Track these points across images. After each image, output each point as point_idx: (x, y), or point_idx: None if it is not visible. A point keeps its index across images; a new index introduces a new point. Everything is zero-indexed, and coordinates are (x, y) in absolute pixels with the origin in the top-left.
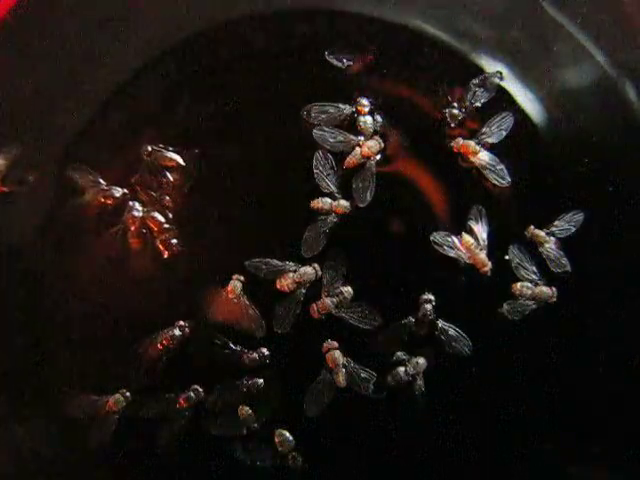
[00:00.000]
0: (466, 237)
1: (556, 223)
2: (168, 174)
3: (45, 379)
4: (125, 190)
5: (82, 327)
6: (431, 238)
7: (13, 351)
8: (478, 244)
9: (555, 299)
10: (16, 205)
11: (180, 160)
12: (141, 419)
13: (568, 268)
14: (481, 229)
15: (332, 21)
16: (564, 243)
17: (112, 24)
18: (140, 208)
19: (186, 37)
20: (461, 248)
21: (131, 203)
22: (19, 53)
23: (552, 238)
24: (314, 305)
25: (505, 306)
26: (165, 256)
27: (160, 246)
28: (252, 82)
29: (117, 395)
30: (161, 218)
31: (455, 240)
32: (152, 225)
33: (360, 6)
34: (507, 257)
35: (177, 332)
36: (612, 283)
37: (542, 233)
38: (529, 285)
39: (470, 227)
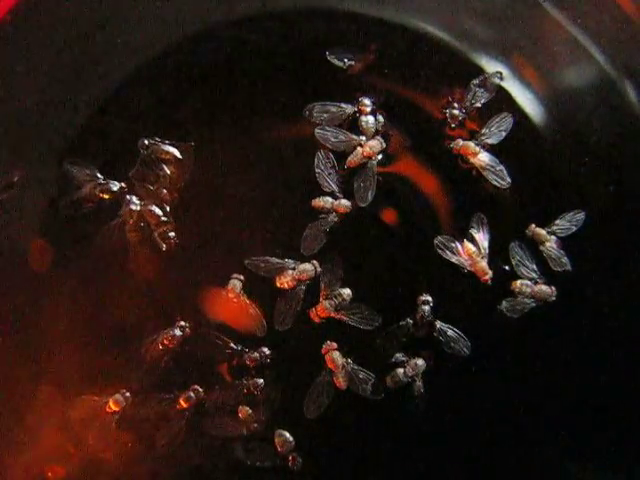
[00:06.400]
0: (468, 245)
1: (557, 222)
2: (165, 167)
3: (46, 380)
4: (122, 184)
5: (82, 327)
6: (435, 241)
7: (14, 352)
8: (479, 252)
9: (554, 298)
10: (13, 205)
11: (177, 153)
12: (141, 419)
13: (568, 267)
14: (482, 237)
15: (332, 21)
16: (564, 242)
17: (111, 24)
18: (137, 202)
19: (186, 37)
20: (463, 255)
21: (128, 197)
22: (19, 53)
23: (553, 237)
24: (313, 309)
25: (504, 303)
26: (163, 249)
27: (158, 239)
28: (253, 82)
29: (117, 395)
30: (158, 211)
31: (458, 246)
32: (150, 218)
33: (360, 6)
34: (507, 267)
35: (177, 332)
36: (612, 283)
37: (543, 232)
38: (528, 283)
39: (472, 235)
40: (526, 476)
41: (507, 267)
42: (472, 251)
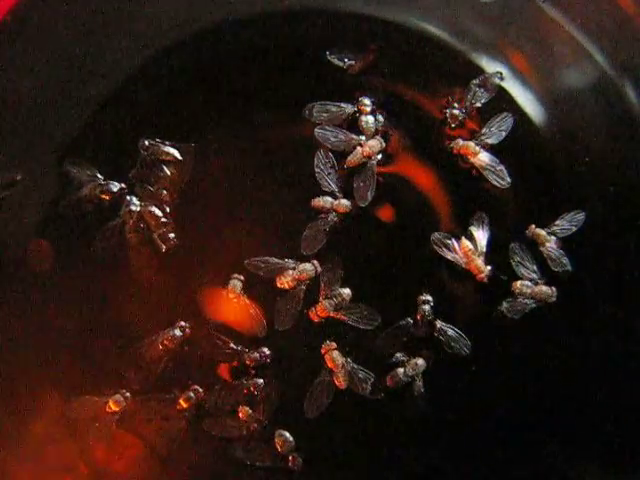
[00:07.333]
0: (465, 242)
1: (557, 222)
2: (165, 168)
3: (47, 381)
4: (122, 185)
5: (82, 327)
6: (432, 238)
7: (15, 353)
8: (476, 250)
9: (555, 299)
10: (13, 205)
11: (177, 154)
12: (141, 419)
13: (569, 268)
14: (482, 236)
15: (332, 21)
16: (564, 243)
17: (111, 24)
18: (137, 202)
19: (186, 37)
20: (459, 252)
21: (128, 198)
22: (19, 53)
23: (553, 237)
24: (313, 309)
25: (504, 304)
26: (163, 250)
27: (158, 240)
28: (253, 82)
29: (117, 395)
30: (158, 212)
31: (455, 243)
32: (150, 219)
33: (360, 6)
34: (504, 277)
35: (177, 332)
36: (612, 283)
37: (543, 232)
38: (529, 284)
39: (471, 233)
40: (526, 476)
41: (503, 277)
42: (468, 249)
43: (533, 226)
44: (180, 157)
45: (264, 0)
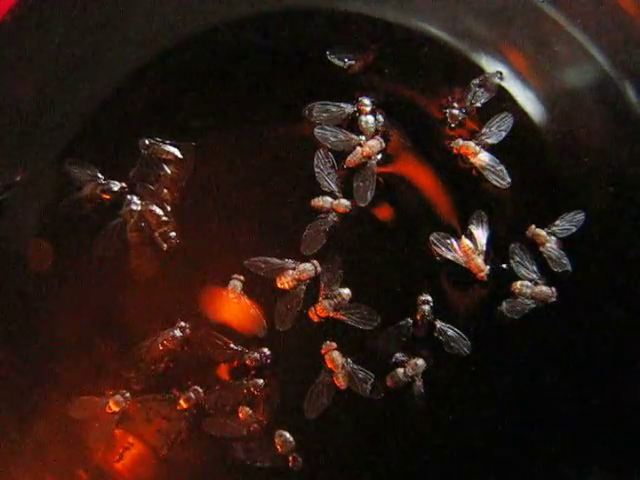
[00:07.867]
0: (465, 241)
1: (557, 223)
2: (166, 167)
3: (47, 381)
4: (123, 184)
5: (82, 327)
6: (430, 238)
7: (15, 353)
8: (476, 249)
9: (555, 299)
10: (13, 205)
11: (178, 153)
12: (141, 420)
13: (569, 268)
14: (481, 234)
15: (332, 21)
16: (564, 243)
17: (111, 24)
18: (138, 202)
19: (186, 37)
20: (459, 251)
21: (129, 197)
22: (19, 53)
23: (553, 238)
24: (313, 309)
25: (504, 304)
26: (164, 249)
27: (159, 239)
28: (253, 82)
29: (117, 396)
30: (159, 211)
31: (454, 243)
32: (150, 218)
33: (360, 6)
34: (504, 265)
35: (177, 332)
36: (612, 283)
37: (543, 232)
38: (529, 284)
39: (470, 231)
40: (526, 476)
41: (504, 265)
42: (468, 247)
43: (533, 226)
44: (180, 156)
45: (264, 0)
